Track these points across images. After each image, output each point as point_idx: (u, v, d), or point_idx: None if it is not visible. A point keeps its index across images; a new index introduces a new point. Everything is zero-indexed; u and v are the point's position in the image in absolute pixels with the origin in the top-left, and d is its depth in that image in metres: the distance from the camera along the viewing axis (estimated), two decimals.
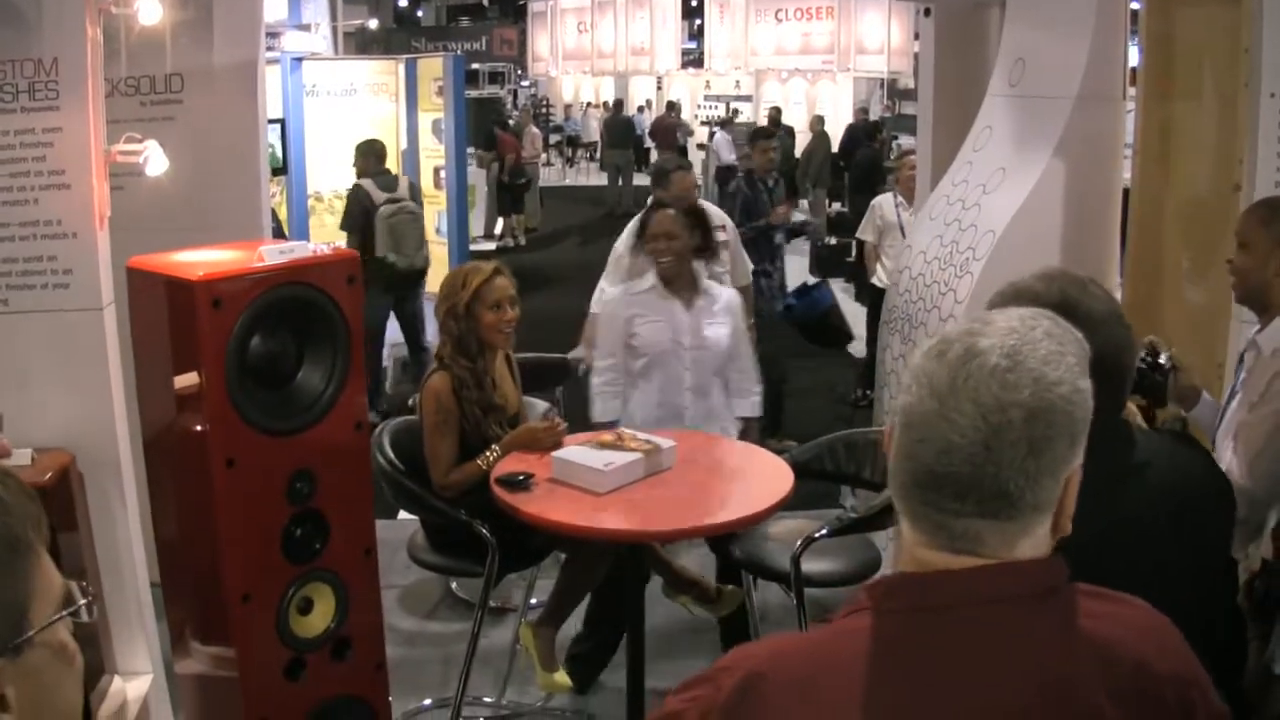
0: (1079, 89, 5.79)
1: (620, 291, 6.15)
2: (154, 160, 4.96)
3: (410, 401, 5.45)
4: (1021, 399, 1.69)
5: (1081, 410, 1.75)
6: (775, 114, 25.63)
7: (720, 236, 7.64)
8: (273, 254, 4.06)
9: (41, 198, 4.71)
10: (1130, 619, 1.82)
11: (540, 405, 6.18)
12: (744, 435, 6.03)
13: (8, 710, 1.39)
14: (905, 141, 18.40)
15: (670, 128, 30.24)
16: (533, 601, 6.22)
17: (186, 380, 4.00)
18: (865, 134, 20.89)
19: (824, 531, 4.98)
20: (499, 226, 21.90)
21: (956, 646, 1.73)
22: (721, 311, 6.05)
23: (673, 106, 32.73)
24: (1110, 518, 2.33)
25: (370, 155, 11.98)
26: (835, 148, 23.45)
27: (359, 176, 11.80)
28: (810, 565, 5.05)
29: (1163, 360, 3.78)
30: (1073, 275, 2.68)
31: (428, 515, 5.46)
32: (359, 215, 11.28)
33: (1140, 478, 2.61)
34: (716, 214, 8.07)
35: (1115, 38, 5.84)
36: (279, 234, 10.04)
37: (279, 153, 12.86)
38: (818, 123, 23.94)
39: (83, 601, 1.54)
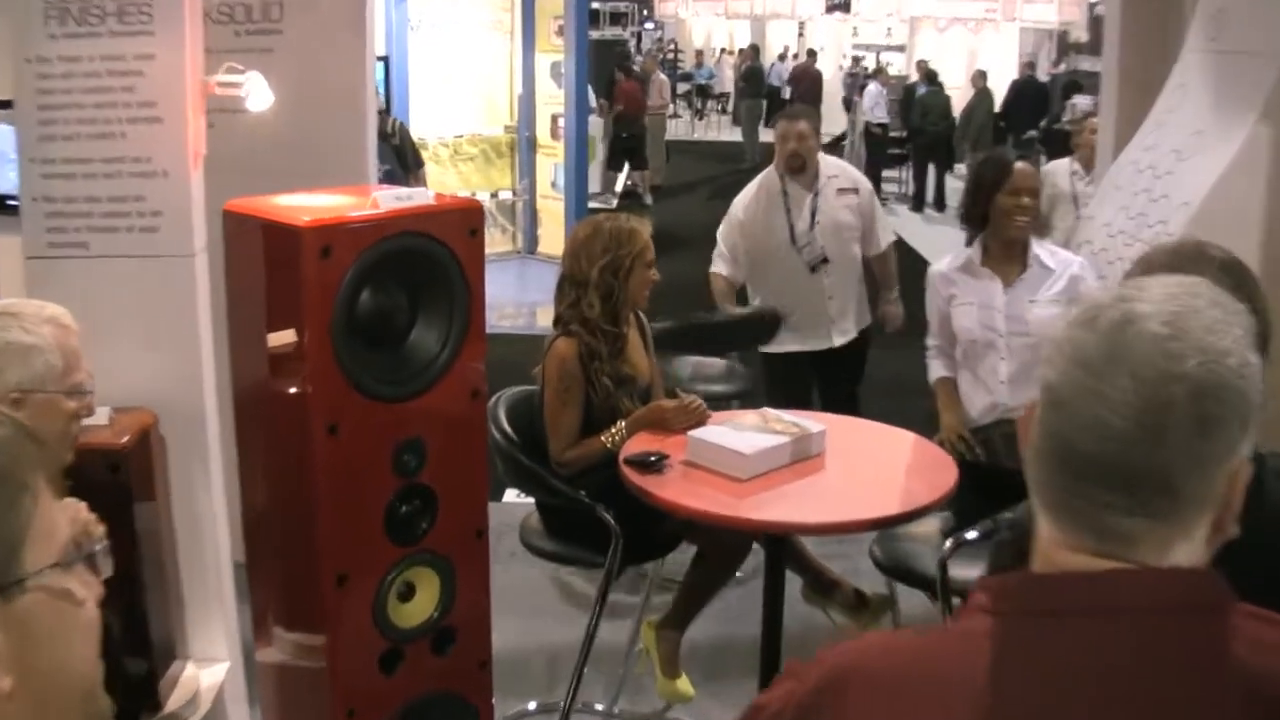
0: None
1: (944, 266, 5.98)
2: (257, 93, 4.98)
3: (534, 370, 5.43)
4: (1187, 370, 1.61)
5: (1253, 388, 1.65)
6: (923, 67, 25.39)
7: (850, 200, 7.57)
8: (388, 200, 4.04)
9: (130, 131, 4.72)
10: None
11: (716, 364, 6.12)
12: None
13: None
14: (1081, 101, 18.10)
15: (814, 78, 30.09)
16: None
17: (286, 337, 4.00)
18: (1063, 94, 20.64)
19: (976, 533, 4.82)
20: (620, 182, 21.84)
21: (1085, 662, 1.64)
22: (1058, 287, 5.75)
23: (813, 54, 32.59)
24: None
25: None
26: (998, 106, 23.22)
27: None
28: (960, 571, 4.86)
29: None
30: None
31: (545, 496, 5.46)
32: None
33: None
34: (851, 174, 7.96)
35: None
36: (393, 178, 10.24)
37: (381, 92, 12.95)
38: (980, 78, 23.67)
39: (92, 549, 1.55)
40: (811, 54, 32.85)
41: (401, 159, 11.70)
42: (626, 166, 21.90)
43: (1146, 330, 1.63)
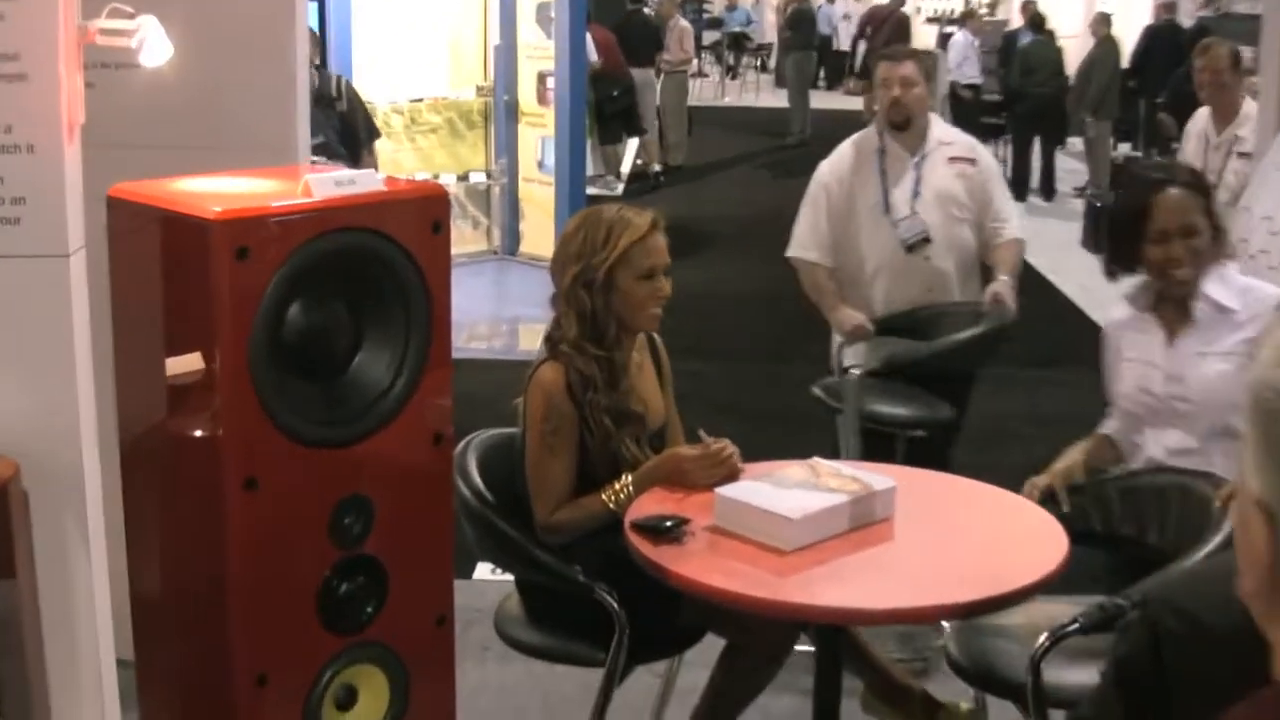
0: None
1: (1119, 314, 5.85)
2: (152, 44, 4.99)
3: (515, 403, 5.41)
4: None
5: None
6: (1028, 10, 25.33)
7: (966, 170, 7.54)
8: (325, 185, 4.06)
9: None
10: None
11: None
12: None
13: None
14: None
15: (899, 24, 29.80)
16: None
17: (190, 363, 4.02)
18: (1189, 47, 20.57)
19: (1076, 624, 4.75)
20: (628, 160, 21.81)
21: None
22: (1239, 337, 5.47)
23: None
24: None
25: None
26: (1127, 61, 23.13)
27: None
28: (1058, 674, 4.80)
29: None
30: None
31: (528, 573, 5.46)
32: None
33: None
34: (969, 143, 7.93)
35: None
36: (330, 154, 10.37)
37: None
38: (1101, 24, 23.62)
39: None
40: None
41: (350, 131, 11.70)
42: (634, 140, 21.72)
43: None
